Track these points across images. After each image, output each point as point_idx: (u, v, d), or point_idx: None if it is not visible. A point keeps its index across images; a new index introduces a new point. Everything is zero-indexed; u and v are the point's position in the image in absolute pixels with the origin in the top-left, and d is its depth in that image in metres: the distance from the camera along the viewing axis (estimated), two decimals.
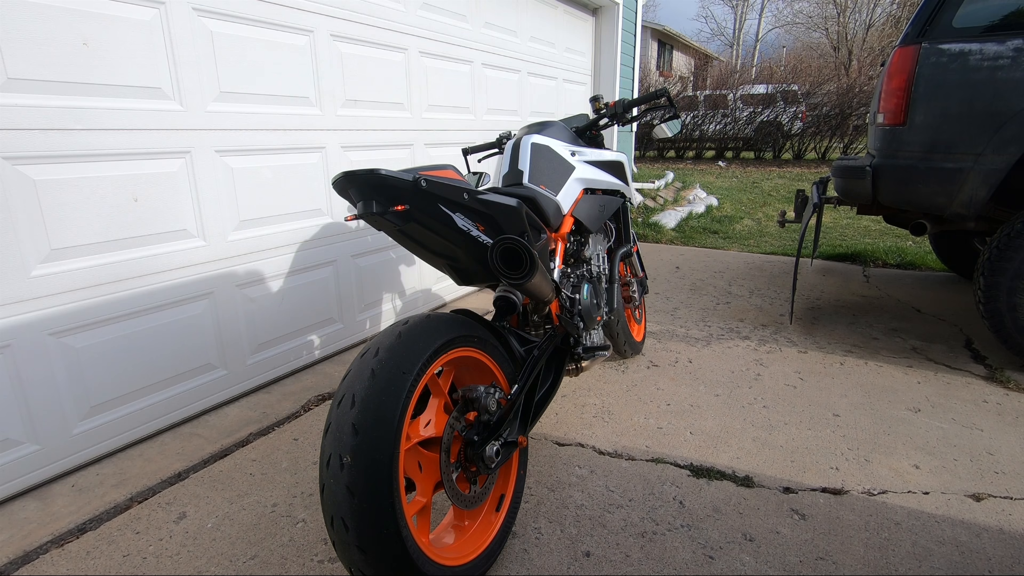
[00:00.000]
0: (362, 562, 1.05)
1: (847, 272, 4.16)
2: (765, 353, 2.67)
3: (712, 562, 1.41)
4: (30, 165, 1.62)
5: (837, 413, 2.12)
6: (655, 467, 1.81)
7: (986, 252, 2.42)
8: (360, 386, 1.08)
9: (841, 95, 11.31)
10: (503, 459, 1.33)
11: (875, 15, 22.05)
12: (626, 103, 2.09)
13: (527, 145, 1.80)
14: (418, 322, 1.22)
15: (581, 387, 2.36)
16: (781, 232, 5.51)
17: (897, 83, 2.45)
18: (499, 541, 1.39)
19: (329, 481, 1.05)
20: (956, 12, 2.35)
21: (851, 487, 1.69)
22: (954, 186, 2.40)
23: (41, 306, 1.68)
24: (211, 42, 2.03)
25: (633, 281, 2.60)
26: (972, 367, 2.49)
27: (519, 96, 4.04)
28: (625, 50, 5.71)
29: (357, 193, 1.21)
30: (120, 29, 1.79)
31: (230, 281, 2.20)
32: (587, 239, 2.00)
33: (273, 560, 1.44)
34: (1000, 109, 2.26)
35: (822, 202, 2.99)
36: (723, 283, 3.88)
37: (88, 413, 1.83)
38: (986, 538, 1.48)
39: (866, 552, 1.43)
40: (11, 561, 1.44)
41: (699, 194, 7.56)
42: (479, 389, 1.31)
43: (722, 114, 12.49)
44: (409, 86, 2.95)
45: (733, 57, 26.86)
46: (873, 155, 2.65)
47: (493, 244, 1.25)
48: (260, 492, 1.71)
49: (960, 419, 2.06)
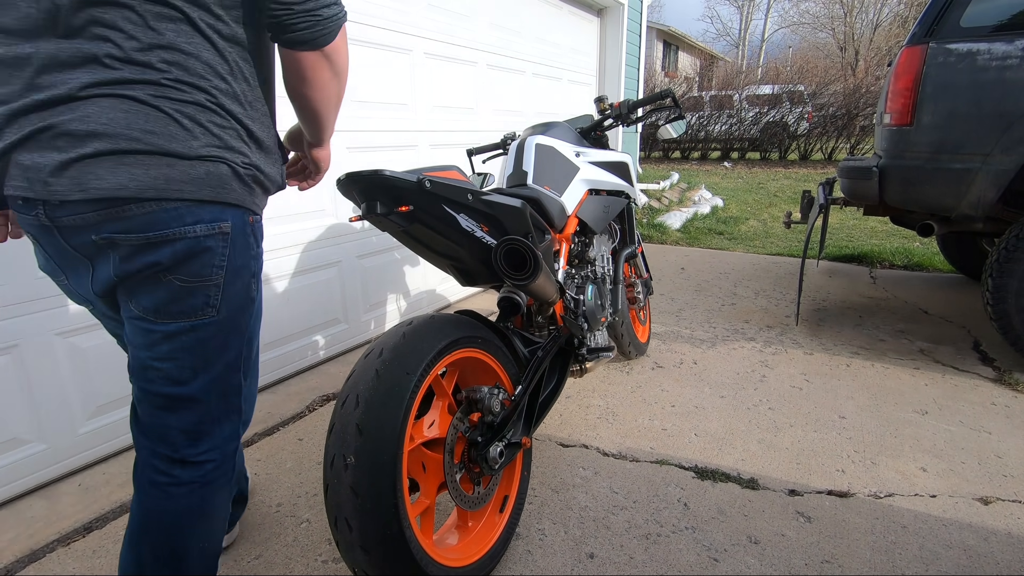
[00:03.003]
0: (366, 563, 1.05)
1: (853, 273, 4.13)
2: (771, 355, 2.66)
3: (717, 564, 1.40)
4: None
5: (843, 415, 2.11)
6: (659, 469, 1.80)
7: (994, 253, 2.40)
8: (364, 387, 1.08)
9: (847, 95, 11.25)
10: (507, 460, 1.33)
11: (882, 15, 21.95)
12: (631, 104, 2.08)
13: (531, 146, 1.80)
14: (422, 323, 1.22)
15: (585, 388, 2.36)
16: (787, 233, 5.49)
17: (904, 83, 2.43)
18: (503, 542, 1.39)
19: (333, 481, 1.05)
20: (964, 12, 2.33)
21: (857, 490, 1.68)
22: (962, 187, 2.38)
23: (49, 306, 1.69)
24: None
25: (638, 282, 2.59)
26: (980, 369, 2.47)
27: (524, 97, 4.04)
28: (630, 51, 5.70)
29: (361, 194, 1.22)
30: None
31: None
32: (592, 240, 2.00)
33: (277, 560, 1.44)
34: (1008, 109, 2.24)
35: (828, 203, 2.97)
36: (728, 284, 3.86)
37: (95, 412, 1.84)
38: (994, 542, 1.46)
39: (872, 555, 1.42)
40: (18, 560, 1.45)
41: (704, 195, 7.54)
42: (483, 390, 1.31)
43: (728, 115, 12.44)
44: (413, 86, 2.96)
45: (739, 57, 26.79)
46: (880, 156, 2.63)
47: (497, 245, 1.25)
48: (265, 492, 1.71)
49: (968, 421, 2.05)
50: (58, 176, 0.82)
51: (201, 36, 0.87)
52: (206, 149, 0.89)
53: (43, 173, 0.82)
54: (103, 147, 0.82)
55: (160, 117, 0.85)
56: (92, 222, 0.86)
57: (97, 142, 0.82)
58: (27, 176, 0.83)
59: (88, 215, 0.85)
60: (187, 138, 0.87)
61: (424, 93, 3.04)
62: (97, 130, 0.82)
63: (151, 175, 0.85)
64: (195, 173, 0.88)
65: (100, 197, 0.83)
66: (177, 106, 0.86)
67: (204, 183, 0.89)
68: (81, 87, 0.81)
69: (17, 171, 0.84)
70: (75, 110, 0.82)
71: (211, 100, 0.89)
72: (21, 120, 0.82)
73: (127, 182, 0.83)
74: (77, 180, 0.82)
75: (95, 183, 0.82)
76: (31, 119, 0.82)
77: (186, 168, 0.87)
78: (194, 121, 0.87)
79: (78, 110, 0.82)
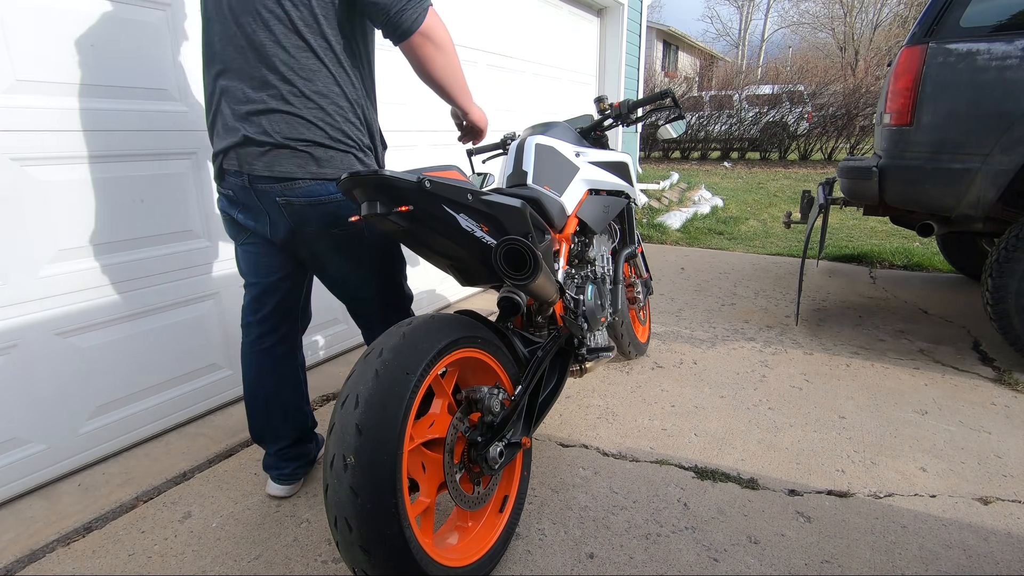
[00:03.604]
0: (365, 562, 1.05)
1: (853, 273, 4.13)
2: (770, 355, 2.66)
3: (716, 564, 1.40)
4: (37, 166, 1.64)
5: (843, 415, 2.11)
6: (659, 469, 1.80)
7: (994, 253, 2.40)
8: (364, 387, 1.08)
9: (847, 95, 11.25)
10: (507, 460, 1.33)
11: (882, 15, 21.96)
12: (631, 104, 2.08)
13: (531, 146, 1.80)
14: (422, 323, 1.22)
15: (585, 388, 2.36)
16: (787, 233, 5.49)
17: (904, 83, 2.43)
18: (503, 542, 1.39)
19: (333, 481, 1.05)
20: (963, 12, 2.33)
21: (857, 490, 1.68)
22: (961, 187, 2.38)
23: (48, 306, 1.69)
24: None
25: (637, 282, 2.59)
26: (980, 369, 2.47)
27: (524, 97, 4.04)
28: (630, 51, 5.71)
29: (361, 194, 1.21)
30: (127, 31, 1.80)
31: (236, 281, 2.20)
32: (591, 240, 2.00)
33: (277, 560, 1.44)
34: (1008, 109, 2.24)
35: (828, 203, 2.97)
36: (728, 284, 3.86)
37: (94, 412, 1.84)
38: (994, 542, 1.46)
39: (872, 555, 1.42)
40: (18, 560, 1.45)
41: (704, 195, 7.54)
42: (483, 390, 1.31)
43: (727, 115, 12.44)
44: (413, 86, 2.95)
45: (739, 57, 26.79)
46: (880, 155, 2.63)
47: (497, 245, 1.25)
48: (264, 492, 1.71)
49: (968, 421, 2.05)
50: (257, 160, 1.33)
51: (323, 64, 1.31)
52: (338, 145, 1.34)
53: (250, 157, 1.33)
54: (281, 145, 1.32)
55: (310, 127, 1.31)
56: (277, 191, 1.34)
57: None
58: (239, 158, 1.35)
59: (274, 185, 1.33)
60: (324, 139, 1.32)
61: (423, 92, 3.02)
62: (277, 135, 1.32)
63: (307, 163, 1.32)
64: (333, 162, 1.34)
65: (280, 176, 1.32)
66: (320, 115, 1.31)
67: (339, 168, 1.34)
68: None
69: (233, 154, 1.36)
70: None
71: (339, 112, 1.34)
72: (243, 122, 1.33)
73: (295, 169, 1.32)
74: (268, 164, 1.32)
75: (277, 167, 1.32)
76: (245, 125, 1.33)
77: (327, 158, 1.33)
78: (331, 127, 1.33)
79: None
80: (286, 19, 1.26)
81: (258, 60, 1.29)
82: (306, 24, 1.27)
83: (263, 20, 1.26)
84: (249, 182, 1.35)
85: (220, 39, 1.32)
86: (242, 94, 1.32)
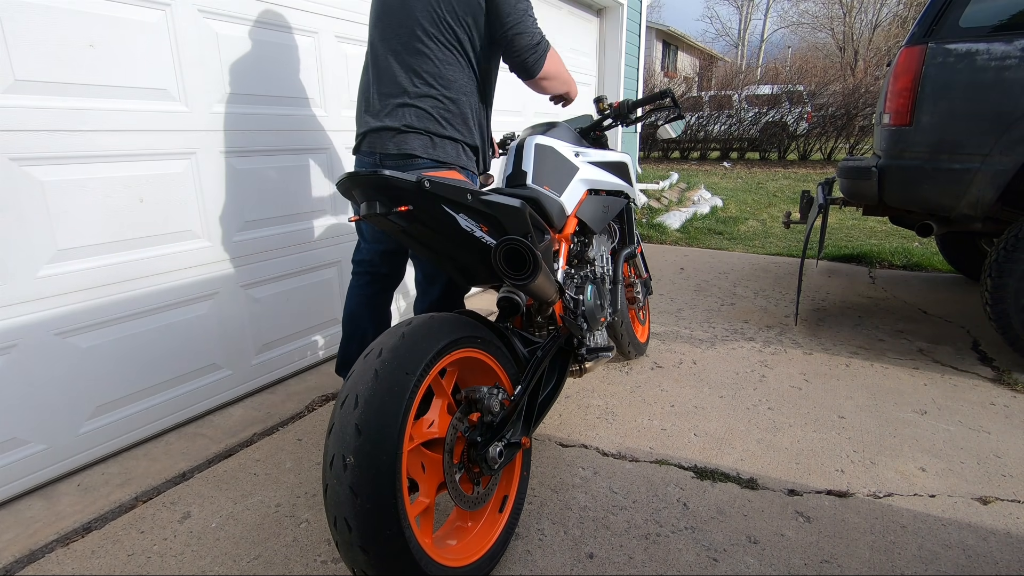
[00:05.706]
0: (365, 563, 1.05)
1: (853, 273, 4.14)
2: (770, 355, 2.66)
3: (716, 564, 1.41)
4: (37, 166, 1.64)
5: (842, 415, 2.11)
6: (659, 469, 1.80)
7: (993, 253, 2.40)
8: (363, 387, 1.08)
9: (847, 95, 11.25)
10: (506, 460, 1.33)
11: (881, 15, 21.97)
12: (630, 104, 2.08)
13: (531, 146, 1.80)
14: (421, 323, 1.22)
15: (585, 388, 2.36)
16: (786, 233, 5.49)
17: (903, 83, 2.44)
18: (502, 542, 1.39)
19: (332, 481, 1.05)
20: (963, 12, 2.34)
21: (856, 490, 1.68)
22: (961, 187, 2.39)
23: (48, 306, 1.69)
24: (216, 43, 2.04)
25: (637, 282, 2.59)
26: (979, 369, 2.48)
27: (524, 97, 4.04)
28: (629, 51, 5.71)
29: (361, 194, 1.22)
30: (126, 31, 1.80)
31: (235, 281, 2.20)
32: (591, 240, 2.00)
33: (277, 560, 1.44)
34: (1008, 109, 2.24)
35: (827, 203, 2.97)
36: (728, 284, 3.86)
37: (94, 413, 1.84)
38: (993, 542, 1.47)
39: (871, 555, 1.43)
40: (17, 560, 1.45)
41: (704, 195, 7.55)
42: (482, 390, 1.31)
43: (727, 115, 12.44)
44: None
45: (738, 58, 26.80)
46: (879, 156, 2.63)
47: (496, 245, 1.25)
48: (264, 492, 1.71)
49: (967, 421, 2.05)
50: (388, 140, 1.67)
51: (460, 68, 1.67)
52: (453, 134, 1.68)
53: (383, 138, 1.67)
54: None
55: (431, 118, 1.65)
56: (400, 166, 1.66)
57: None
58: (372, 141, 1.70)
59: (400, 161, 1.66)
60: (440, 129, 1.65)
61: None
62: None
63: (425, 146, 1.65)
64: (446, 147, 1.67)
65: (405, 153, 1.65)
66: (441, 110, 1.65)
67: (448, 153, 1.68)
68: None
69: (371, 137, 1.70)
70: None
71: (458, 109, 1.67)
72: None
73: (417, 148, 1.64)
74: (397, 144, 1.65)
75: (404, 146, 1.64)
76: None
77: (441, 145, 1.67)
78: (447, 121, 1.66)
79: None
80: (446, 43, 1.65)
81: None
82: (459, 48, 1.67)
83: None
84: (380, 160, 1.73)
85: (381, 44, 1.69)
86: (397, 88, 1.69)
